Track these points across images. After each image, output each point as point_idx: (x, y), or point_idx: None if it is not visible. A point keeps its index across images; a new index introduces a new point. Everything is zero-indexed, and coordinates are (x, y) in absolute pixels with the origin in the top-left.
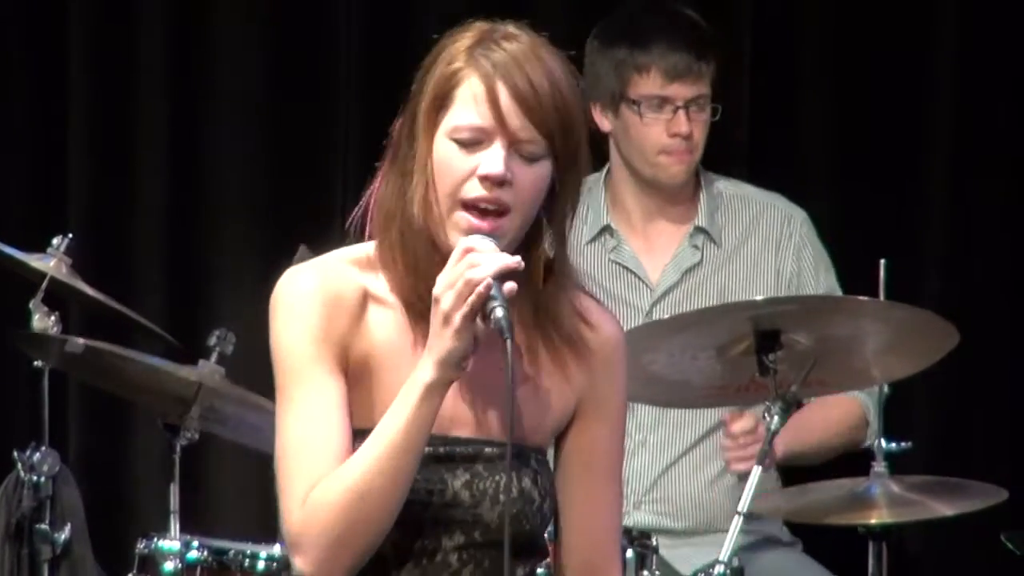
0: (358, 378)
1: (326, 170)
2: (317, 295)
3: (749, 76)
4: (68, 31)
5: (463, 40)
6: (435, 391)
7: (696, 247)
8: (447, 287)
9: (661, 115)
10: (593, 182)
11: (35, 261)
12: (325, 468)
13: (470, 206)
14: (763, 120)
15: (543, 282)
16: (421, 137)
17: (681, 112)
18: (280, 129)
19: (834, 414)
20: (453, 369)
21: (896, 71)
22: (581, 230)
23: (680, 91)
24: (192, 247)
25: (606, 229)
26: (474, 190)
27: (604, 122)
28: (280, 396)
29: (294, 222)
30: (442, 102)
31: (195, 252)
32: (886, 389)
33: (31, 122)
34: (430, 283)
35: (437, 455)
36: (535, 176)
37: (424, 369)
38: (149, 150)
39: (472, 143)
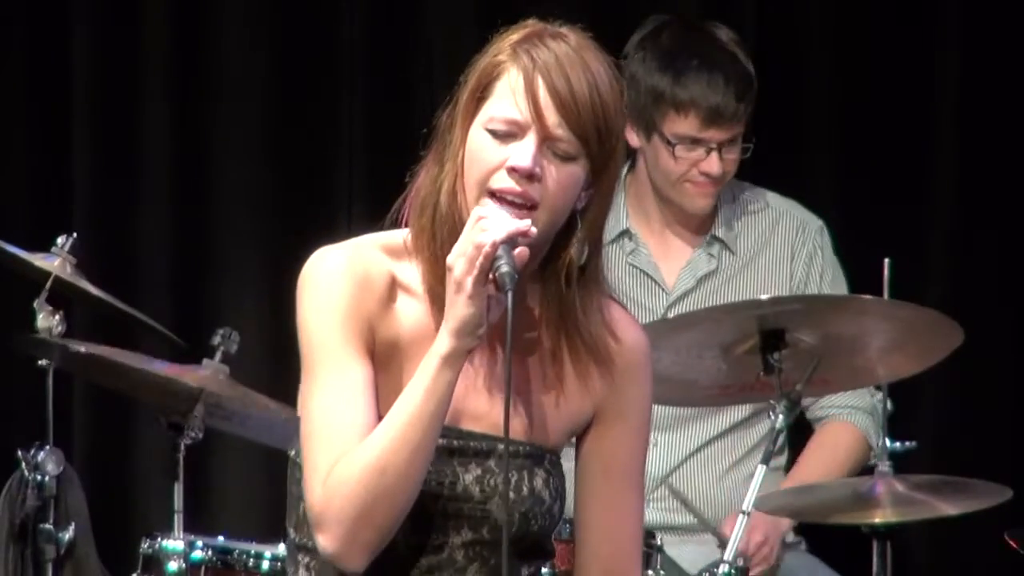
0: (383, 364)
1: (331, 169)
2: (346, 275)
3: (754, 72)
4: (72, 30)
5: (513, 35)
6: (452, 362)
7: (711, 255)
8: (459, 254)
9: (693, 153)
10: None
11: (39, 260)
12: (349, 446)
13: (497, 196)
14: (767, 119)
15: (574, 285)
16: (458, 125)
17: (714, 153)
18: (284, 128)
19: (840, 455)
20: (469, 337)
21: (900, 71)
22: None
23: (716, 135)
24: (196, 246)
25: (625, 233)
26: (502, 181)
27: (633, 138)
28: (306, 375)
29: (298, 221)
30: (482, 92)
31: (199, 251)
32: (889, 406)
33: (35, 121)
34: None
35: (450, 448)
36: (565, 175)
37: (441, 340)
38: (153, 149)
39: (506, 135)
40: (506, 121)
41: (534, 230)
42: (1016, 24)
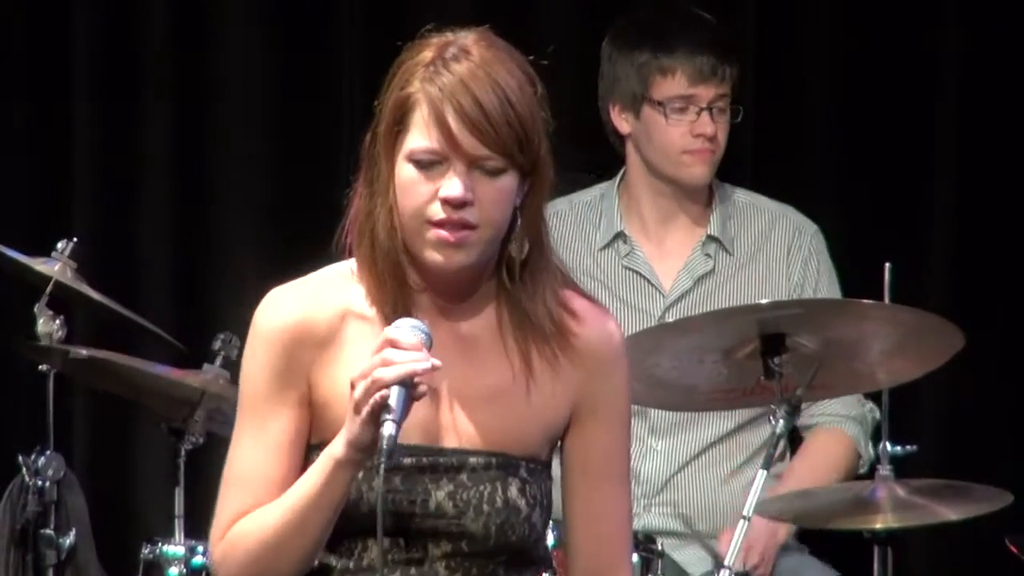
0: (329, 400)
1: (331, 173)
2: (286, 330)
3: (753, 76)
4: (72, 33)
5: (418, 59)
6: (344, 467)
7: (708, 255)
8: (361, 376)
9: (685, 117)
10: (606, 189)
11: (40, 265)
12: (256, 502)
13: (436, 224)
14: (767, 121)
15: (520, 281)
16: (383, 159)
17: (705, 113)
18: (285, 131)
19: (829, 463)
20: (359, 453)
21: (901, 71)
22: (594, 237)
23: (704, 93)
24: (197, 250)
25: (619, 235)
26: (438, 213)
27: (623, 124)
28: (236, 420)
29: (299, 225)
30: (399, 126)
31: (200, 255)
32: (877, 415)
33: (35, 125)
34: (396, 302)
35: (420, 466)
36: (498, 190)
37: (336, 444)
38: (154, 153)
39: (431, 164)
40: (427, 152)
41: (438, 364)
42: (1016, 24)
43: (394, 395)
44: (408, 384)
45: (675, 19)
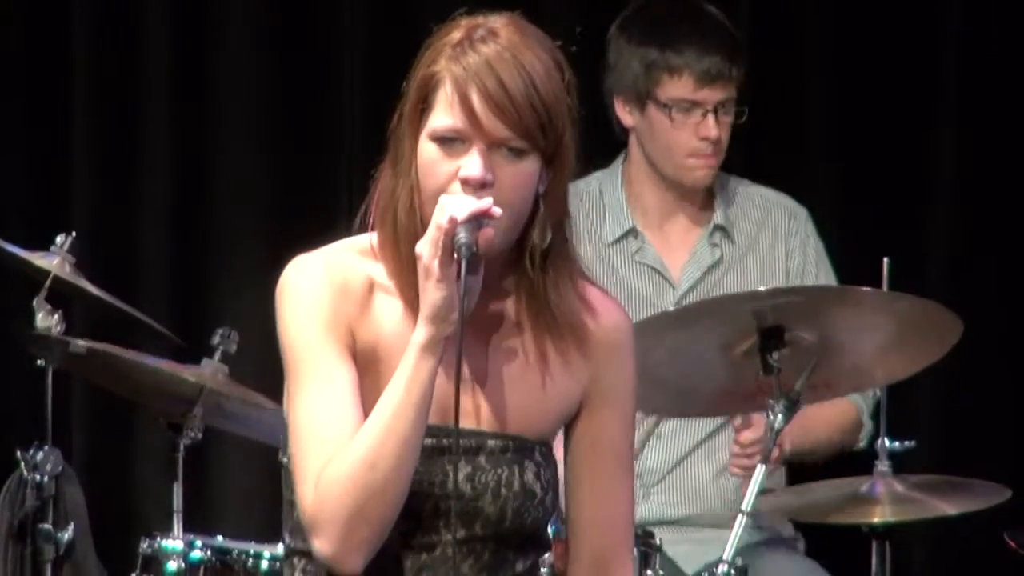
0: (365, 367)
1: (330, 168)
2: (325, 281)
3: (753, 73)
4: (71, 30)
5: (446, 39)
6: (431, 349)
7: (715, 245)
8: (426, 241)
9: (690, 118)
10: (604, 179)
11: (38, 259)
12: (338, 449)
13: None
14: (766, 116)
15: (542, 270)
16: (406, 138)
17: (710, 115)
18: (283, 127)
19: (831, 414)
20: (443, 323)
21: (901, 66)
22: (602, 231)
23: (711, 95)
24: (195, 245)
25: (631, 231)
26: (457, 192)
27: (627, 117)
28: (291, 382)
29: (298, 221)
30: (424, 104)
31: (198, 251)
32: (878, 393)
33: (34, 120)
34: (416, 282)
35: (439, 447)
36: (519, 172)
37: (418, 330)
38: (153, 148)
39: (453, 144)
40: (449, 130)
41: (497, 211)
42: (1016, 24)
43: (462, 230)
44: (473, 224)
45: (685, 15)
